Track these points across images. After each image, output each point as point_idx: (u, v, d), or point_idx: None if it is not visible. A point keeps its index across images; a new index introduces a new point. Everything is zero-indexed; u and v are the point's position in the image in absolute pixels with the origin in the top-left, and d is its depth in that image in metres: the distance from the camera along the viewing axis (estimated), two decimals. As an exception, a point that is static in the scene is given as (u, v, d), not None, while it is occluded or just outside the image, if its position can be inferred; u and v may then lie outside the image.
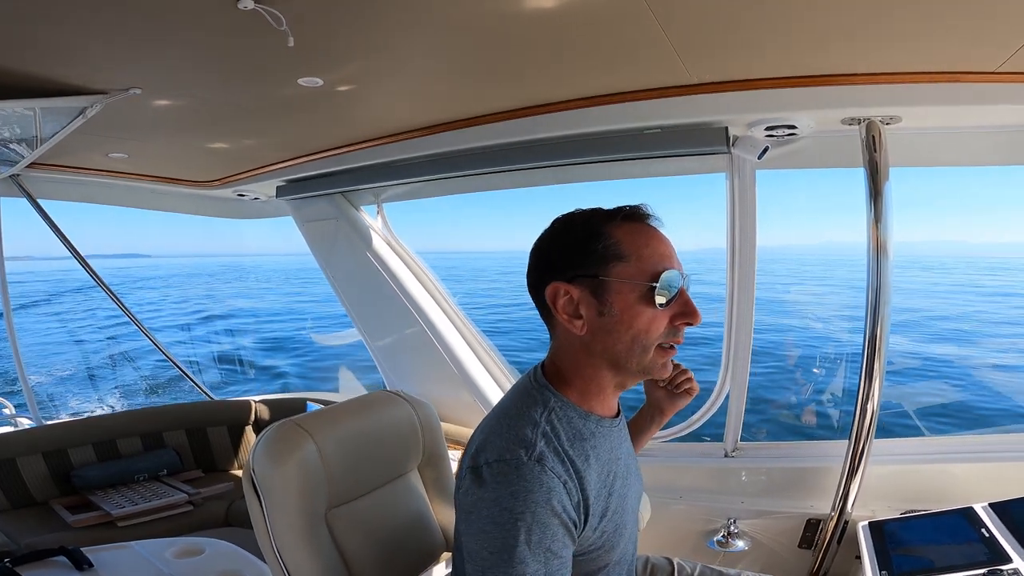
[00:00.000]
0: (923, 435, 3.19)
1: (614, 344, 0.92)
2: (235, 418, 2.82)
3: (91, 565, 1.49)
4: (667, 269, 0.92)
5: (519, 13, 1.18)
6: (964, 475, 1.78)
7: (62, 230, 2.87)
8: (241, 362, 12.89)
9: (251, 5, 1.07)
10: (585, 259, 0.92)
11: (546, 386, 0.96)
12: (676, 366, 1.23)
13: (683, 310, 0.93)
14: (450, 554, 1.49)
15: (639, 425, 1.28)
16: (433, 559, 1.41)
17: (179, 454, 2.68)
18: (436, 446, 1.42)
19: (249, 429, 2.84)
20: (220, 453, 2.79)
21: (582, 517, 0.89)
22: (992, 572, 1.12)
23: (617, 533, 0.98)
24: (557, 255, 0.96)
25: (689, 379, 1.22)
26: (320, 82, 1.54)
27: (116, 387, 10.89)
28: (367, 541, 1.23)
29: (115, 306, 3.09)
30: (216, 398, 3.13)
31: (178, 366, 3.25)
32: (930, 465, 1.83)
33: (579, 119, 1.77)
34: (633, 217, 0.95)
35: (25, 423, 3.33)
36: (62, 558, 1.52)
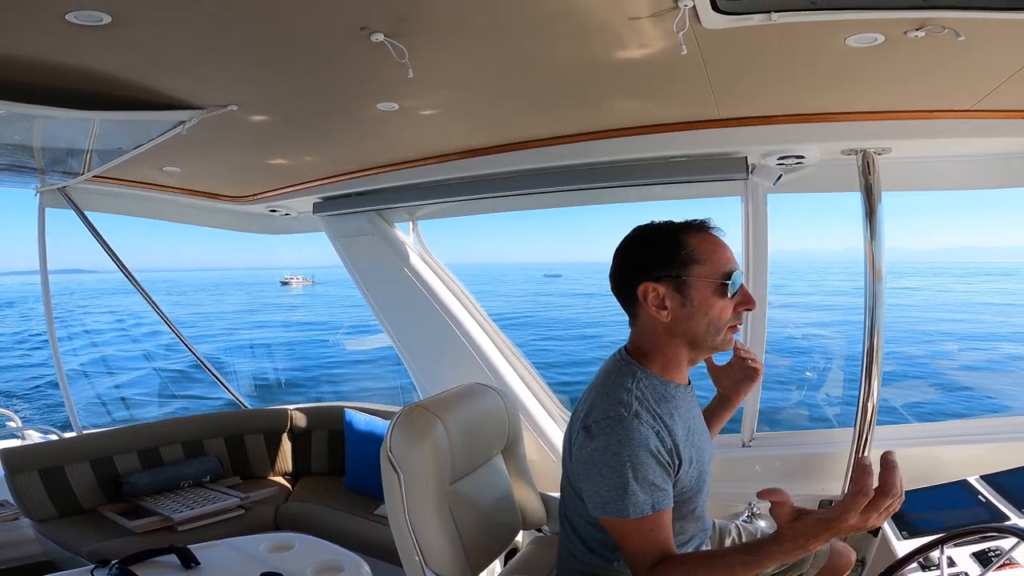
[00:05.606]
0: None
1: (694, 328, 1.17)
2: (272, 426, 2.91)
3: (198, 563, 1.55)
4: (733, 270, 1.17)
5: (586, 57, 1.32)
6: (951, 456, 2.05)
7: (109, 243, 2.91)
8: None
9: (381, 38, 1.16)
10: (669, 263, 1.16)
11: (631, 362, 1.21)
12: (736, 344, 1.36)
13: (743, 299, 1.19)
14: (524, 532, 1.67)
15: (713, 413, 1.46)
16: (514, 535, 1.58)
17: (219, 461, 2.76)
18: (517, 432, 1.61)
19: (285, 437, 2.94)
20: (256, 460, 2.88)
21: (676, 459, 1.14)
22: (997, 528, 1.36)
23: (701, 479, 1.23)
24: (645, 260, 1.19)
25: (753, 359, 1.40)
26: (396, 107, 1.64)
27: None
28: (474, 516, 1.40)
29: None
30: (250, 407, 3.19)
31: (215, 375, 3.30)
32: (922, 448, 2.10)
33: (610, 148, 1.99)
34: (703, 229, 1.21)
35: (33, 435, 3.30)
36: (167, 557, 1.58)
